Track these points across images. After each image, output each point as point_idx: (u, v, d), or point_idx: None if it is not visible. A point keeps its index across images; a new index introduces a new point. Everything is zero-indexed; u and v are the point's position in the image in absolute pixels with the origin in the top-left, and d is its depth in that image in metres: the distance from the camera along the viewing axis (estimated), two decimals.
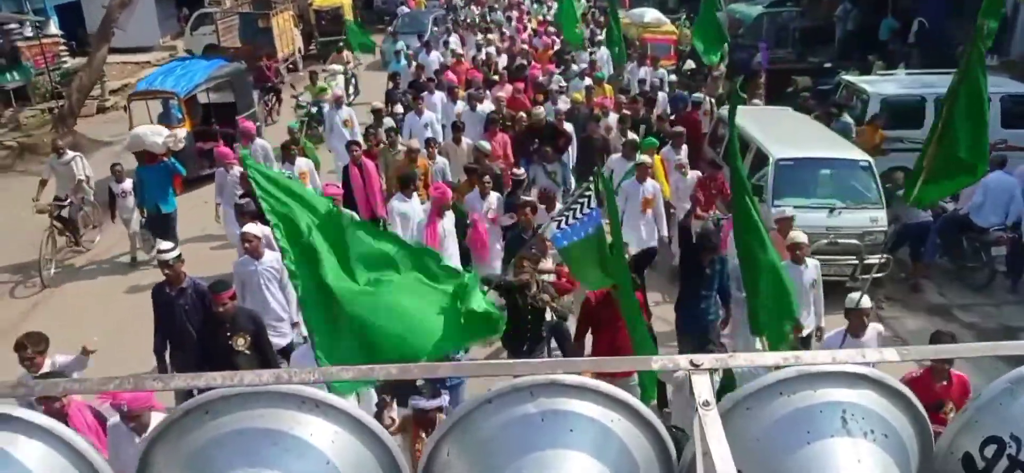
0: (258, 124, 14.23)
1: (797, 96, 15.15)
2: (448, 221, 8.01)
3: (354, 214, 8.16)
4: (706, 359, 1.47)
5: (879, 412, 1.49)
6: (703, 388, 1.44)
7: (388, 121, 11.87)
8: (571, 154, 11.31)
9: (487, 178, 8.82)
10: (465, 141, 10.80)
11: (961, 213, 9.46)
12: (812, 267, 7.11)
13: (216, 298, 5.93)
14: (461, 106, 12.74)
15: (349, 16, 27.96)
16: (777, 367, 1.49)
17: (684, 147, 10.66)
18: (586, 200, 5.83)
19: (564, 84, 14.91)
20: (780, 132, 10.33)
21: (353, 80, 18.50)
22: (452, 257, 7.95)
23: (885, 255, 8.84)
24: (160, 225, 10.02)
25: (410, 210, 8.42)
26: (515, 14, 28.07)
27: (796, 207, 8.62)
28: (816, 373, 1.49)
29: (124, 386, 1.49)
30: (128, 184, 10.34)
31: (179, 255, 6.58)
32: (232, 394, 1.47)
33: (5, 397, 1.56)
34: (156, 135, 10.96)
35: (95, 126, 18.17)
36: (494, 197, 8.73)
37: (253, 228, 6.97)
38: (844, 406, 1.48)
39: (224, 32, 23.22)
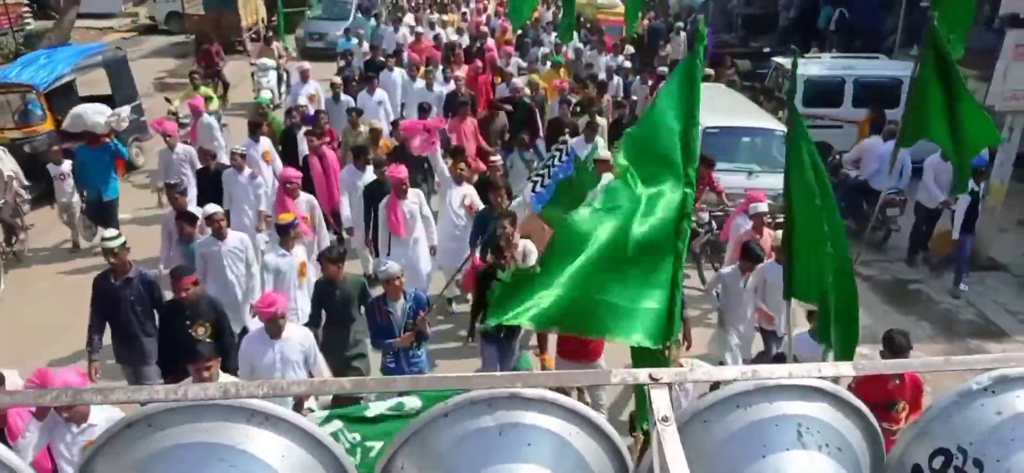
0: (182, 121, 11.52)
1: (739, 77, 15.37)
2: (411, 203, 7.46)
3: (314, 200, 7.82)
4: (665, 373, 1.39)
5: (834, 425, 1.43)
6: (661, 403, 1.36)
7: (347, 99, 11.25)
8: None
9: (462, 165, 8.22)
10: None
11: (860, 179, 10.06)
12: None
13: (178, 282, 5.53)
14: (420, 85, 12.21)
15: None
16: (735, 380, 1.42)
17: None
18: (558, 155, 5.55)
19: (523, 65, 14.37)
20: (709, 104, 10.71)
21: (285, 76, 15.29)
22: (418, 241, 7.56)
23: None
24: (101, 211, 9.07)
25: (361, 183, 8.11)
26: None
27: (720, 170, 9.12)
28: (772, 386, 1.42)
29: (61, 400, 1.34)
30: (67, 166, 9.22)
31: (124, 243, 6.00)
32: (178, 406, 1.33)
33: None
34: (98, 114, 9.69)
35: None
36: (466, 186, 8.09)
37: (217, 209, 6.63)
38: (799, 419, 1.41)
39: None
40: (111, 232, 6.18)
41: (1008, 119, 10.03)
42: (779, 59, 13.94)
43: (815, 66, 13.03)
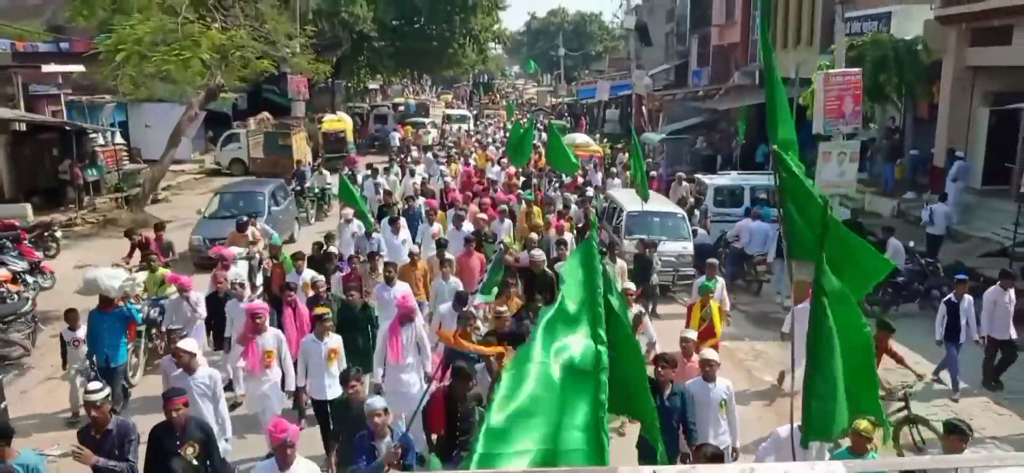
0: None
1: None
2: (410, 331, 6.55)
3: None
4: None
5: None
6: None
7: (377, 239, 10.11)
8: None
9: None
10: (447, 257, 9.01)
11: (739, 247, 12.21)
12: (721, 387, 5.59)
13: (168, 404, 4.86)
14: (437, 228, 10.91)
15: (350, 138, 28.30)
16: None
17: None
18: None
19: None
20: (633, 197, 13.07)
21: (261, 267, 10.17)
22: (411, 366, 6.57)
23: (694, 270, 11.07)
24: (108, 377, 6.97)
25: (389, 297, 7.49)
26: (477, 149, 25.50)
27: (640, 237, 11.09)
28: None
29: None
30: (82, 332, 7.58)
31: (107, 396, 5.10)
32: None
33: None
34: (112, 279, 7.80)
35: (151, 211, 18.42)
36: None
37: (187, 345, 5.85)
38: None
39: (253, 146, 23.64)
40: (95, 386, 5.21)
41: (830, 200, 11.70)
42: (699, 176, 16.44)
43: (723, 179, 15.75)
